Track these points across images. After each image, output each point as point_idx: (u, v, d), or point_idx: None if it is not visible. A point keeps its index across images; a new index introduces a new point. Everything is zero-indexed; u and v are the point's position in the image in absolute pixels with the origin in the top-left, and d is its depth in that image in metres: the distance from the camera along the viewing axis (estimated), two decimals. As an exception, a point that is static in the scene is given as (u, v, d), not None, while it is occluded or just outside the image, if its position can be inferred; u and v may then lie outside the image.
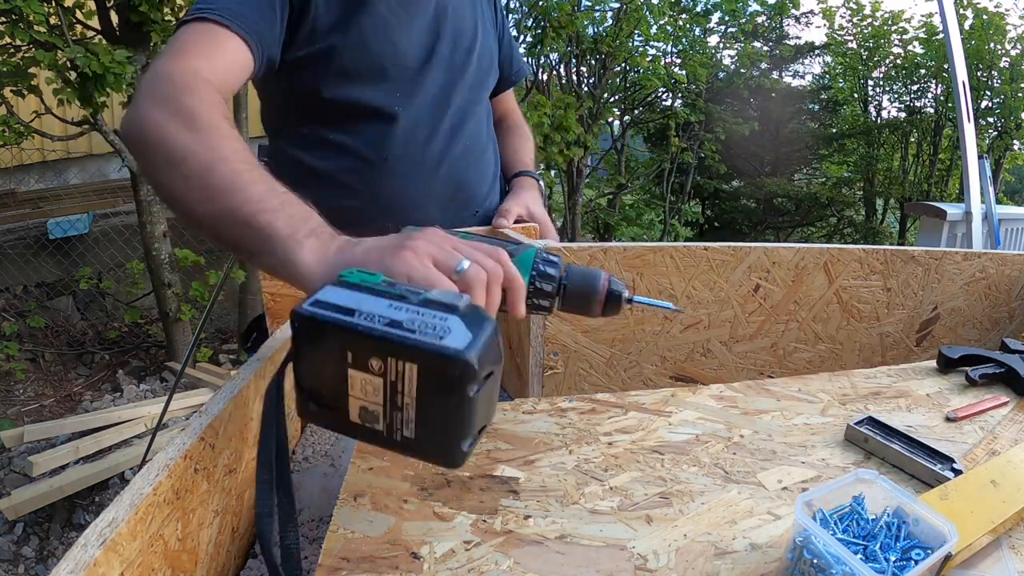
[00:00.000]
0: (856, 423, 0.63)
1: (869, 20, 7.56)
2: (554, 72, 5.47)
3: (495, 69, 1.13)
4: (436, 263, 0.50)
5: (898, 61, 7.65)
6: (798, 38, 8.48)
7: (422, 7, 0.98)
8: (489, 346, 0.40)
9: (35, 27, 2.59)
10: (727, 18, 6.97)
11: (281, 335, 0.74)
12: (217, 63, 0.74)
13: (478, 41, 1.06)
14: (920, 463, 0.58)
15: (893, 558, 0.43)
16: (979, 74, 6.59)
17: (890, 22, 7.46)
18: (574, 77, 5.63)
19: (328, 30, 0.89)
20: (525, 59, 1.30)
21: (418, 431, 0.41)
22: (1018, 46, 6.62)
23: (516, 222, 1.02)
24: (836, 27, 7.92)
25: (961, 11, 6.34)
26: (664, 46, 6.15)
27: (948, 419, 0.68)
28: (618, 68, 5.75)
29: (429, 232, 0.54)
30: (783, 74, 8.48)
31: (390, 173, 0.98)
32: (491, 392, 0.42)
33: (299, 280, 0.53)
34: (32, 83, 2.77)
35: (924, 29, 7.09)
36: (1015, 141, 6.88)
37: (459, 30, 1.03)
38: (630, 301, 0.59)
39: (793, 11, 7.26)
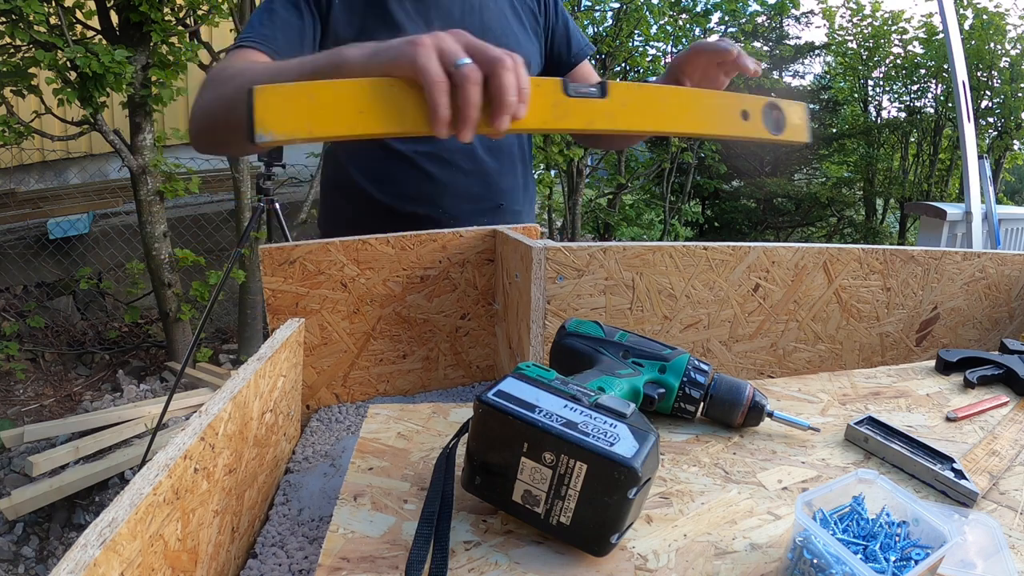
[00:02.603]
0: (856, 423, 0.63)
1: (869, 20, 7.55)
2: (554, 72, 5.47)
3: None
4: (441, 55, 0.56)
5: (898, 61, 7.65)
6: (798, 38, 8.46)
7: (442, 13, 1.04)
8: (651, 456, 0.45)
9: (35, 27, 2.59)
10: (727, 18, 6.96)
11: (281, 335, 0.74)
12: None
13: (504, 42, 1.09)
14: (920, 463, 0.58)
15: (893, 558, 0.43)
16: (979, 74, 6.59)
17: (890, 22, 7.45)
18: (574, 77, 5.63)
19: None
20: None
21: (575, 520, 0.46)
22: (1018, 46, 6.61)
23: None
24: (836, 27, 7.92)
25: (961, 11, 6.34)
26: (664, 46, 6.14)
27: (948, 419, 0.68)
28: (618, 68, 5.75)
29: (450, 31, 0.61)
30: (783, 74, 8.47)
31: (415, 166, 1.07)
32: (645, 495, 0.47)
33: (344, 63, 0.63)
34: (32, 83, 2.77)
35: (924, 29, 7.09)
36: (1015, 141, 6.87)
37: (484, 31, 1.07)
38: (771, 415, 0.63)
39: (793, 11, 7.26)
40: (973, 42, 6.34)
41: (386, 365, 0.95)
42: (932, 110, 7.46)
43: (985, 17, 6.41)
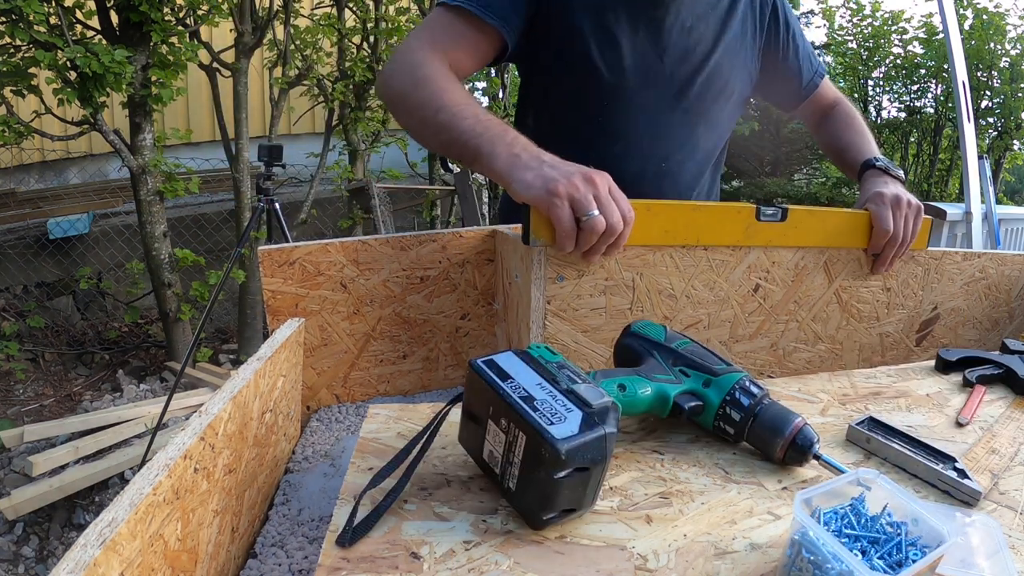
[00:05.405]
0: (857, 423, 0.63)
1: (869, 20, 7.55)
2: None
3: (730, 91, 1.09)
4: (572, 203, 0.70)
5: (898, 61, 7.65)
6: (798, 38, 8.45)
7: (650, 21, 1.00)
8: (587, 445, 0.46)
9: (35, 27, 2.58)
10: (727, 18, 6.94)
11: (281, 335, 0.74)
12: (460, 44, 0.94)
13: (710, 61, 1.04)
14: (923, 463, 0.58)
15: (891, 557, 0.43)
16: (979, 74, 6.58)
17: (890, 22, 7.45)
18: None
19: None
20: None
21: (517, 487, 0.50)
22: (1018, 46, 6.61)
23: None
24: (836, 27, 7.92)
25: (961, 11, 6.34)
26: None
27: (959, 424, 0.68)
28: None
29: (593, 175, 0.71)
30: (783, 74, 8.46)
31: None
32: (582, 482, 0.48)
33: (496, 177, 0.77)
34: (32, 83, 2.76)
35: (924, 29, 7.08)
36: (1015, 141, 6.86)
37: (686, 47, 1.03)
38: (818, 457, 0.57)
39: (793, 11, 7.25)
40: (973, 42, 6.34)
41: (386, 365, 0.95)
42: (932, 110, 7.45)
43: (985, 17, 6.41)
